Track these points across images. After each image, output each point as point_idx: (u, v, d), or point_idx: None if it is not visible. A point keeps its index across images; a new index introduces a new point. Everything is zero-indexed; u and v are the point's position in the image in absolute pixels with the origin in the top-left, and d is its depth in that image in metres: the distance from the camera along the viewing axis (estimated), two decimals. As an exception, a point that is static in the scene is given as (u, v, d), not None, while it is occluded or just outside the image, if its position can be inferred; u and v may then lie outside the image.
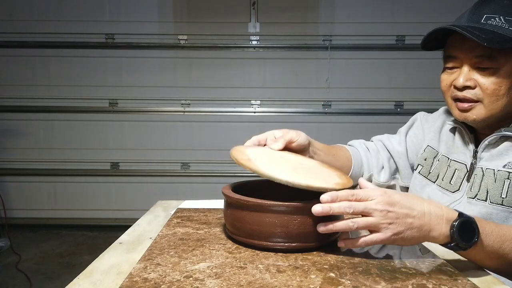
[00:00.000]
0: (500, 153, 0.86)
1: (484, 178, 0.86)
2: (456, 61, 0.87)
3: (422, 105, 3.17)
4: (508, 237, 0.69)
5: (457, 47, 0.85)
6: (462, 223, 0.66)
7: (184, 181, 3.34)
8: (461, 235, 0.65)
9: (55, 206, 3.36)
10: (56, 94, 3.27)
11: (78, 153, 3.32)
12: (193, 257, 0.69)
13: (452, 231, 0.65)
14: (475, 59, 0.83)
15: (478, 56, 0.83)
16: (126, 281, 0.60)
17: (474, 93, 0.84)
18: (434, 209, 0.67)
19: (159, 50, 3.27)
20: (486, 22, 0.83)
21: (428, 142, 1.04)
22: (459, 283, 0.61)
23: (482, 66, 0.83)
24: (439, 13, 3.13)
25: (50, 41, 3.22)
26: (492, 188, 0.84)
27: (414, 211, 0.66)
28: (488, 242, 0.68)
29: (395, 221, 0.65)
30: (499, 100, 0.83)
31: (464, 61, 0.85)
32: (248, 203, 0.71)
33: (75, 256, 2.82)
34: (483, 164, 0.88)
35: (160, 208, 1.05)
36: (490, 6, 0.84)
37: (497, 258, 0.69)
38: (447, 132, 1.00)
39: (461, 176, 0.92)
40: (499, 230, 0.70)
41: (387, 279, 0.61)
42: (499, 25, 0.82)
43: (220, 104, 3.30)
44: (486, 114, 0.85)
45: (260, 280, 0.60)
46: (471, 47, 0.82)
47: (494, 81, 0.82)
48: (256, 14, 3.22)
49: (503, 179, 0.83)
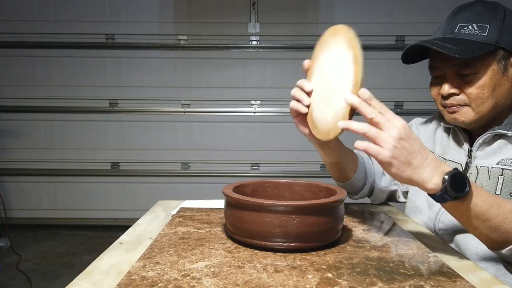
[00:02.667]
0: (493, 151, 0.88)
1: (478, 176, 0.88)
2: (439, 71, 0.91)
3: (421, 105, 3.17)
4: (496, 203, 0.71)
5: (437, 58, 0.90)
6: (455, 174, 0.68)
7: (184, 181, 3.34)
8: (452, 184, 0.68)
9: (55, 206, 3.36)
10: (56, 94, 3.27)
11: (78, 153, 3.32)
12: (192, 256, 0.69)
13: (444, 178, 0.68)
14: (455, 67, 0.87)
15: (457, 65, 0.86)
16: (124, 279, 0.60)
17: (460, 98, 0.88)
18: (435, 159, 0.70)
19: (159, 50, 3.27)
20: (459, 32, 0.86)
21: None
22: (457, 284, 0.61)
23: (463, 73, 0.86)
24: (439, 13, 3.13)
25: (50, 41, 3.22)
26: (486, 185, 0.86)
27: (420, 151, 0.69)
28: (477, 201, 0.70)
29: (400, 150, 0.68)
30: (485, 103, 0.86)
31: (446, 70, 0.89)
32: (247, 203, 0.71)
33: (75, 256, 2.83)
34: (477, 163, 0.90)
35: (160, 208, 1.05)
36: (464, 14, 0.88)
37: (483, 220, 0.71)
38: (441, 133, 1.02)
39: None
40: (489, 195, 0.72)
41: (385, 280, 0.61)
42: (472, 32, 0.85)
43: (220, 104, 3.30)
44: (474, 117, 0.88)
45: (257, 280, 0.60)
46: (448, 57, 0.84)
47: (476, 85, 0.85)
48: (256, 15, 3.22)
49: (497, 175, 0.85)
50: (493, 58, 0.85)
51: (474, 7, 0.88)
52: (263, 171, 3.34)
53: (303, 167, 3.32)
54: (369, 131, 0.69)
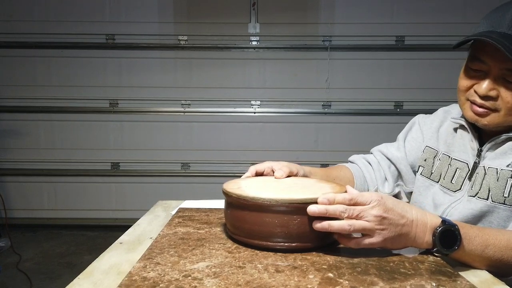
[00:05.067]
0: (504, 152, 0.85)
1: (486, 177, 0.85)
2: (483, 66, 0.83)
3: (421, 105, 3.17)
4: (491, 242, 0.71)
5: (489, 54, 0.81)
6: (443, 231, 0.68)
7: (184, 181, 3.34)
8: (443, 242, 0.68)
9: (55, 206, 3.36)
10: (56, 94, 3.27)
11: (78, 153, 3.32)
12: (192, 256, 0.69)
13: (434, 238, 0.69)
14: (505, 70, 0.80)
15: (508, 69, 0.80)
16: (125, 280, 0.60)
17: (494, 103, 0.83)
18: (420, 216, 0.70)
19: (159, 50, 3.27)
20: None
21: (426, 143, 1.03)
22: (458, 283, 0.61)
23: (509, 80, 0.80)
24: (438, 14, 3.13)
25: (51, 42, 3.22)
26: (494, 187, 0.83)
27: (404, 218, 0.69)
28: (471, 247, 0.70)
29: (388, 227, 0.68)
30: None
31: (493, 69, 0.81)
32: (248, 203, 0.71)
33: (75, 256, 2.83)
34: (486, 163, 0.87)
35: (160, 208, 1.05)
36: None
37: (480, 261, 0.71)
38: (446, 131, 1.00)
39: (462, 175, 0.91)
40: (483, 235, 0.71)
41: (386, 280, 0.61)
42: None
43: (220, 105, 3.30)
44: (499, 123, 0.84)
45: (258, 280, 0.60)
46: (504, 58, 0.78)
47: None
48: (256, 15, 3.22)
49: (506, 178, 0.82)
50: None
51: None
52: (263, 171, 3.34)
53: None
54: (353, 226, 0.68)
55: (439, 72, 3.06)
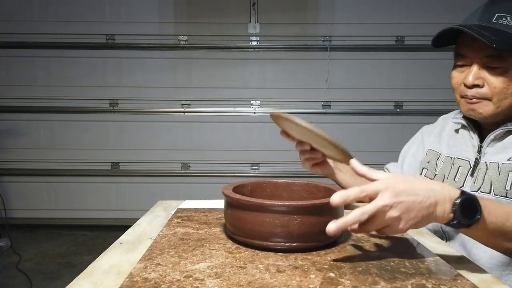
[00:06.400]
0: (504, 146, 0.87)
1: (488, 172, 0.87)
2: (466, 60, 0.88)
3: (421, 105, 3.17)
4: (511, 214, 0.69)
5: (468, 46, 0.86)
6: (463, 201, 0.65)
7: (184, 181, 3.35)
8: (463, 212, 0.65)
9: (55, 206, 3.36)
10: (56, 94, 3.27)
11: (78, 153, 3.32)
12: (193, 257, 0.69)
13: (454, 208, 0.65)
14: (485, 58, 0.84)
15: (488, 56, 0.84)
16: (126, 281, 0.60)
17: (482, 92, 0.86)
18: (437, 188, 0.66)
19: (159, 50, 3.27)
20: (497, 22, 0.83)
21: (429, 147, 1.05)
22: (458, 283, 0.61)
23: (492, 66, 0.84)
24: (438, 14, 3.14)
25: (50, 42, 3.22)
26: (496, 180, 0.85)
27: (419, 196, 0.64)
28: (491, 219, 0.67)
29: (404, 211, 0.63)
30: (507, 99, 0.85)
31: (474, 60, 0.86)
32: (248, 203, 0.71)
33: (75, 256, 2.83)
34: (487, 158, 0.88)
35: (160, 208, 1.05)
36: (503, 5, 0.85)
37: (501, 235, 0.69)
38: (448, 134, 1.02)
39: (464, 172, 0.93)
40: (503, 207, 0.69)
41: (387, 279, 0.61)
42: (510, 24, 0.82)
43: (220, 105, 3.30)
44: (493, 111, 0.86)
45: (260, 280, 0.60)
46: (481, 47, 0.82)
47: (503, 80, 0.84)
48: (256, 15, 3.22)
49: (507, 171, 0.84)
50: None
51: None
52: (263, 171, 3.34)
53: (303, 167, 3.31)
54: (372, 209, 0.63)
55: (439, 72, 3.06)
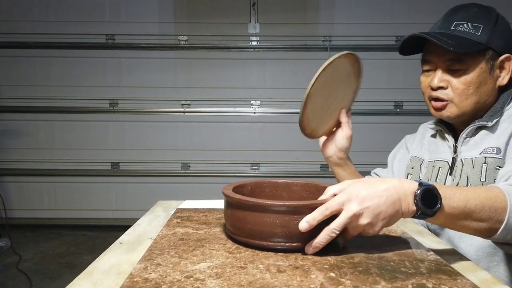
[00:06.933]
0: (476, 142, 0.94)
1: (463, 167, 0.93)
2: (431, 65, 0.96)
3: (421, 106, 3.16)
4: (471, 195, 0.71)
5: (431, 52, 0.95)
6: (423, 192, 0.67)
7: (184, 181, 3.35)
8: (424, 203, 0.67)
9: (55, 206, 3.36)
10: (56, 94, 3.27)
11: (78, 153, 3.32)
12: (193, 257, 0.69)
13: (415, 201, 0.67)
14: (447, 62, 0.92)
15: (449, 60, 0.91)
16: (126, 281, 0.60)
17: (446, 93, 0.93)
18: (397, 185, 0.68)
19: (159, 50, 3.27)
20: (455, 29, 0.92)
21: (412, 153, 1.11)
22: (458, 282, 0.61)
23: (453, 68, 0.92)
24: (438, 14, 3.13)
25: (51, 42, 3.22)
26: (471, 174, 0.90)
27: (382, 197, 0.67)
28: (453, 204, 0.69)
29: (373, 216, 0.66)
30: (468, 99, 0.92)
31: (438, 64, 0.94)
32: (248, 203, 0.71)
33: (75, 256, 2.83)
34: (462, 156, 0.95)
35: (160, 208, 1.05)
36: (460, 14, 0.94)
37: (466, 217, 0.71)
38: (428, 140, 1.08)
39: (444, 172, 0.98)
40: (462, 190, 0.72)
41: (387, 279, 0.61)
42: (466, 30, 0.91)
43: (220, 105, 3.30)
44: (458, 112, 0.93)
45: (261, 280, 0.60)
46: (442, 52, 0.90)
47: (463, 81, 0.91)
48: (256, 15, 3.22)
49: (480, 164, 0.90)
50: (482, 57, 0.90)
51: (470, 8, 0.95)
52: (263, 171, 3.34)
53: (303, 167, 3.32)
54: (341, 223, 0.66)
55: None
